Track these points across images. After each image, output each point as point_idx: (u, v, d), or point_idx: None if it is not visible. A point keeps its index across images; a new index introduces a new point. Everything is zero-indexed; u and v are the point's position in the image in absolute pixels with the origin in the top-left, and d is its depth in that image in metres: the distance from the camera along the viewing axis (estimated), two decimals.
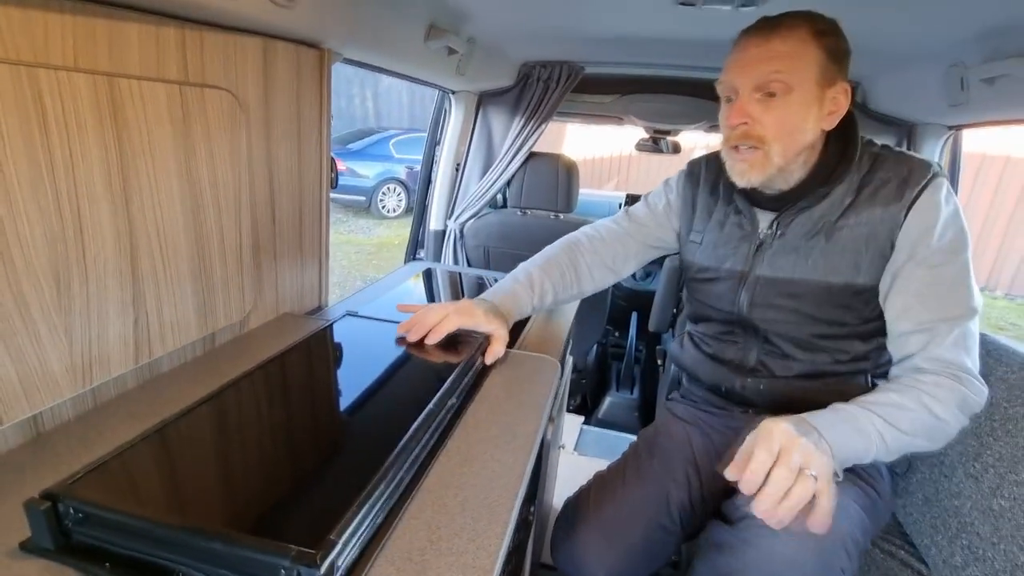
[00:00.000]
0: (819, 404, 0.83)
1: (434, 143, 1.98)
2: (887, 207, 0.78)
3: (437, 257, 2.02)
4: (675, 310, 2.05)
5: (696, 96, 2.00)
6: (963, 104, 1.28)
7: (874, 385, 0.86)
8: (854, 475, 0.81)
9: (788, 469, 0.60)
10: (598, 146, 7.88)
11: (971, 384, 0.72)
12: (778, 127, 0.77)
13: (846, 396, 0.83)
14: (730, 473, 0.64)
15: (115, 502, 0.46)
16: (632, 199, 2.80)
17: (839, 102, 0.78)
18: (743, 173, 0.81)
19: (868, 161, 0.82)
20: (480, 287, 1.41)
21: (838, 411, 0.70)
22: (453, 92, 1.80)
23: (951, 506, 0.88)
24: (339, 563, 0.43)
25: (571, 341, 1.18)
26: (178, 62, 0.66)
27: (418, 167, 2.14)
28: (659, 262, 2.89)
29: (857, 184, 0.81)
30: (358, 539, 0.46)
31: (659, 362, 2.26)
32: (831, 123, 0.79)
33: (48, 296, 0.55)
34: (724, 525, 0.76)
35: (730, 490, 0.92)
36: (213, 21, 0.70)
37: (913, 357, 0.76)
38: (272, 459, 0.57)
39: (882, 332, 0.82)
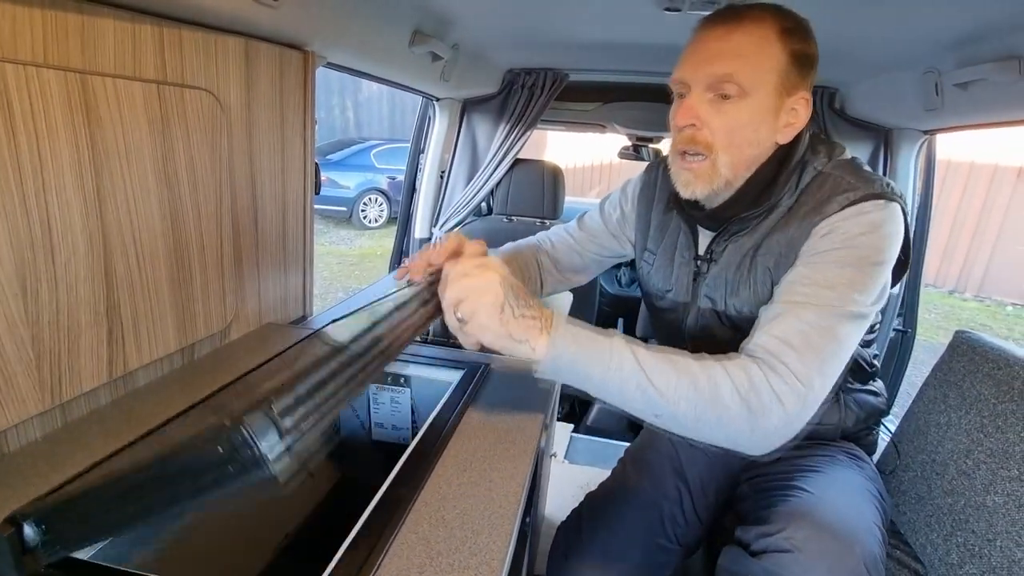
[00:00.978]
0: None
1: (418, 151, 1.96)
2: (791, 232, 0.71)
3: None
4: None
5: None
6: (938, 109, 1.32)
7: (846, 405, 0.85)
8: (871, 494, 0.77)
9: (449, 292, 0.57)
10: (580, 154, 7.96)
11: (779, 383, 0.58)
12: (728, 135, 0.69)
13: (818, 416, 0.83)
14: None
15: (87, 524, 0.42)
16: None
17: (798, 114, 0.71)
18: (688, 184, 0.74)
19: (807, 181, 0.73)
20: None
21: (590, 330, 0.61)
22: (437, 99, 1.79)
23: (945, 504, 0.88)
24: None
25: None
26: (156, 61, 0.64)
27: (400, 177, 2.11)
28: None
29: (789, 207, 0.73)
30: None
31: None
32: (786, 136, 0.72)
33: (13, 305, 0.52)
34: (744, 554, 0.70)
35: (733, 509, 0.90)
36: (192, 19, 0.68)
37: (748, 339, 0.66)
38: None
39: None
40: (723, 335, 0.81)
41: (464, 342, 0.59)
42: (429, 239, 1.98)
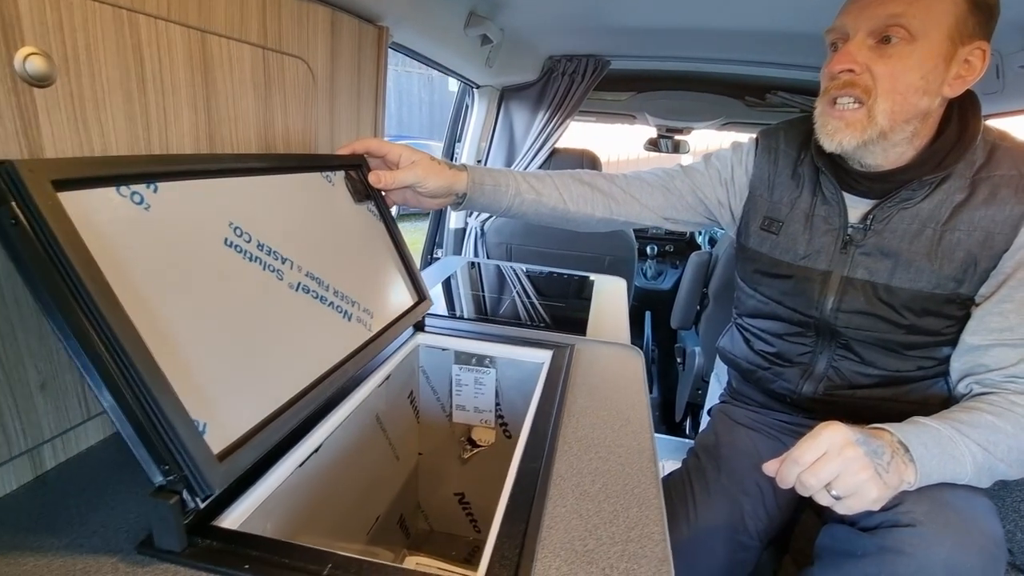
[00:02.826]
0: (893, 412, 0.76)
1: (454, 140, 1.94)
2: (1008, 209, 0.67)
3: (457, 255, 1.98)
4: (699, 306, 2.04)
5: (713, 92, 2.01)
6: (997, 92, 1.30)
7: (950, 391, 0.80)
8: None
9: (815, 479, 0.56)
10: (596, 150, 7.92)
11: None
12: (890, 80, 0.64)
13: (926, 403, 0.78)
14: (767, 467, 0.60)
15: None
16: None
17: (972, 66, 0.65)
18: (834, 132, 0.68)
19: (984, 151, 0.69)
20: (501, 282, 1.36)
21: (929, 429, 0.61)
22: (478, 86, 1.77)
23: None
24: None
25: None
26: (259, 25, 0.61)
27: None
28: (671, 262, 2.90)
29: (971, 178, 0.69)
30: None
31: (678, 360, 2.25)
32: (956, 90, 0.66)
33: None
34: (852, 530, 0.67)
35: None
36: None
37: (993, 372, 0.68)
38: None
39: None
40: (875, 311, 0.76)
41: (840, 510, 0.59)
42: (464, 228, 1.96)
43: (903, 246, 0.72)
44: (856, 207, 0.77)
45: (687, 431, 2.12)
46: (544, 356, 0.79)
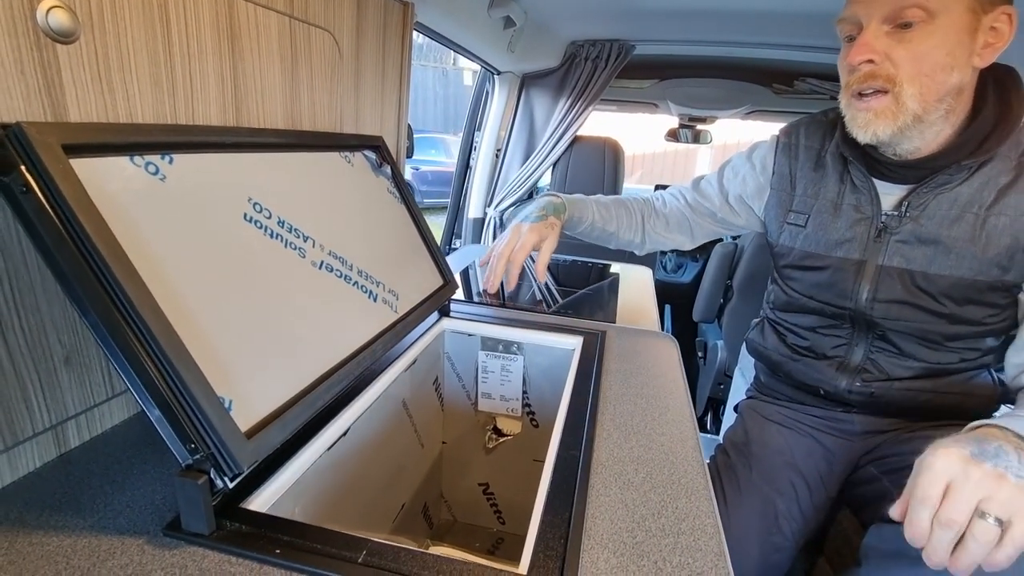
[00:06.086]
0: (934, 404, 0.74)
1: (472, 128, 1.91)
2: None
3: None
4: (722, 299, 1.99)
5: (739, 79, 1.95)
6: None
7: (1000, 383, 0.77)
8: None
9: (958, 513, 0.45)
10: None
11: None
12: (914, 64, 0.61)
13: (970, 394, 0.76)
14: (894, 512, 0.50)
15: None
16: (661, 188, 2.74)
17: (1000, 32, 0.62)
18: (867, 124, 0.66)
19: None
20: (523, 269, 1.33)
21: None
22: (498, 72, 1.74)
23: None
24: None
25: None
26: None
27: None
28: (691, 255, 2.85)
29: (1016, 160, 0.66)
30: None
31: (699, 354, 2.20)
32: (987, 59, 0.63)
33: None
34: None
35: (854, 494, 0.82)
36: None
37: None
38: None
39: (1016, 326, 0.72)
40: (913, 301, 0.73)
41: (971, 553, 0.45)
42: (483, 218, 1.93)
43: (942, 232, 0.69)
44: (889, 194, 0.74)
45: (707, 427, 2.08)
46: (574, 342, 0.76)
